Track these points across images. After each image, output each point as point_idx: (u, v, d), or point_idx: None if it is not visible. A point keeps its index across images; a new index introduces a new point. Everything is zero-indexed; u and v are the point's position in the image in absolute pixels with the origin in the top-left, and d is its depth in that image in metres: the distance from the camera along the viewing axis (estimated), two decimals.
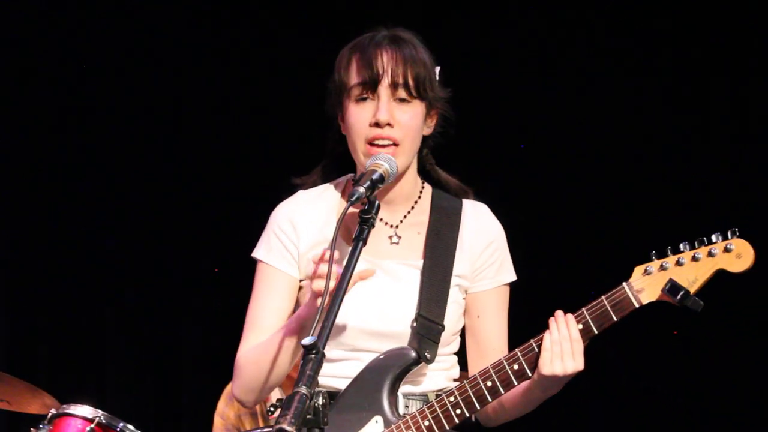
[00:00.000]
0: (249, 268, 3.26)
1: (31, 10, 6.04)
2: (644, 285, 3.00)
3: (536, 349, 3.00)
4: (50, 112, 6.13)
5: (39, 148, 6.13)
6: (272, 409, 2.65)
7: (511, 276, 3.21)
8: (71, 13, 6.06)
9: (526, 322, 3.13)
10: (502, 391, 3.00)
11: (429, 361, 3.06)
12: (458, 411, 3.01)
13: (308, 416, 2.51)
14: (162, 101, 6.16)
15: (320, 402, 2.53)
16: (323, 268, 2.81)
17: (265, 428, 3.14)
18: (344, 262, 2.76)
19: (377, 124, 3.03)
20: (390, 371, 3.04)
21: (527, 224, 5.56)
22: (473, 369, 3.14)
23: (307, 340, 2.55)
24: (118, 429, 4.30)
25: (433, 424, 3.01)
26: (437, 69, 3.14)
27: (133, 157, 6.16)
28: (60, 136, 6.15)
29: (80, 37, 6.07)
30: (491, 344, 3.17)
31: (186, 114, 6.19)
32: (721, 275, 3.00)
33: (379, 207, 2.83)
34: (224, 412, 5.25)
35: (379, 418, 3.02)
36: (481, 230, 3.18)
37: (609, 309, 2.98)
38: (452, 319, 3.11)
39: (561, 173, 5.84)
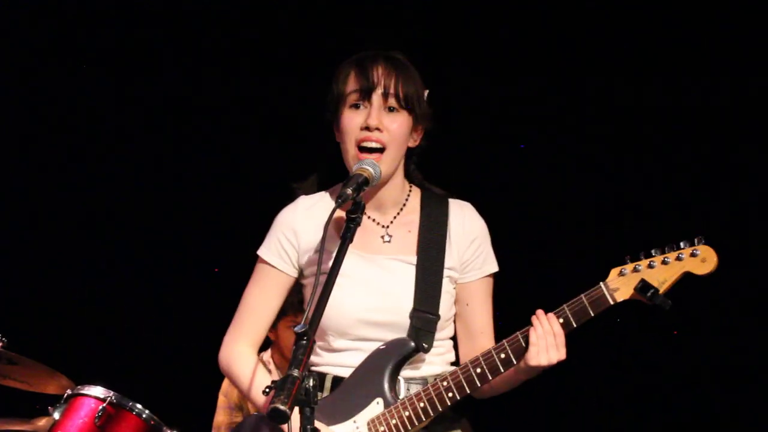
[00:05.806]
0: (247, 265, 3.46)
1: (31, 10, 6.18)
2: (619, 285, 3.21)
3: (521, 341, 3.22)
4: (50, 113, 6.26)
5: (29, 146, 6.26)
6: (267, 390, 2.78)
7: (494, 267, 3.44)
8: (70, 13, 6.20)
9: (520, 314, 3.36)
10: (490, 377, 3.25)
11: (426, 351, 3.30)
12: (450, 394, 3.25)
13: (300, 396, 2.70)
14: (160, 106, 6.28)
15: (311, 384, 2.71)
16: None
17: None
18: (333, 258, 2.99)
19: (368, 128, 3.27)
20: (391, 359, 3.27)
21: (522, 233, 5.79)
22: (463, 350, 3.41)
23: (298, 328, 2.76)
24: (128, 407, 4.51)
25: (428, 406, 3.25)
26: (426, 92, 3.38)
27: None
28: (56, 135, 6.29)
29: (80, 37, 6.22)
30: (479, 328, 3.42)
31: (190, 118, 6.30)
32: (688, 277, 3.20)
33: (364, 207, 3.08)
34: (228, 391, 5.42)
35: (380, 400, 3.26)
36: (466, 227, 3.41)
37: (587, 305, 3.20)
38: (445, 308, 3.35)
39: (547, 187, 5.98)
